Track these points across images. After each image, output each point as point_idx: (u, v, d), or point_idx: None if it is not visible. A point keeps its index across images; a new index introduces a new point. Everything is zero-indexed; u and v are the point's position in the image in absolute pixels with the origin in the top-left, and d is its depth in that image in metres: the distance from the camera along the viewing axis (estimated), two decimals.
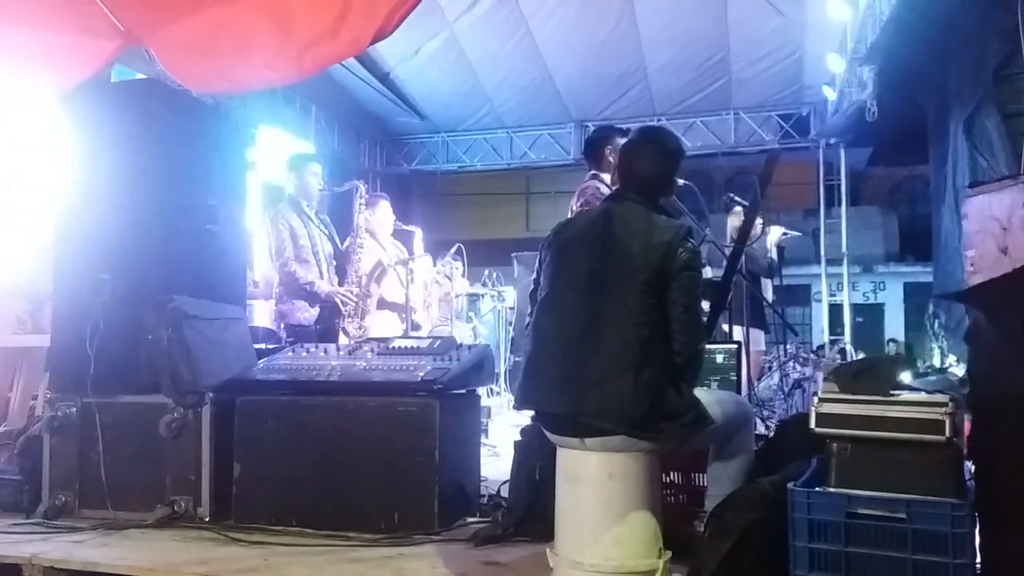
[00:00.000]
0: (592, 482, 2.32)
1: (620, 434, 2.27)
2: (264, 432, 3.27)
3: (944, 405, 2.12)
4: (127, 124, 3.52)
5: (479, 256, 7.66)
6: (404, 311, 5.41)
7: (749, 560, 2.23)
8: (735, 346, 3.14)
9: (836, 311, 12.40)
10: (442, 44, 9.02)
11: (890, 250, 18.33)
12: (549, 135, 11.54)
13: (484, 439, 4.68)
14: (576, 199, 4.24)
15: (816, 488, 2.19)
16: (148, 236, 3.48)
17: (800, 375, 5.18)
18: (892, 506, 2.07)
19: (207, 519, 3.24)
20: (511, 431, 3.79)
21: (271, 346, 4.25)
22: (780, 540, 2.17)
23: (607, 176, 4.17)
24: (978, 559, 2.10)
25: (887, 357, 4.00)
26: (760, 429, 3.70)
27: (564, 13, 8.50)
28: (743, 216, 4.99)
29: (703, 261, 5.66)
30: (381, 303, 5.49)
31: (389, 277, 5.51)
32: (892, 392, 2.23)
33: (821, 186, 11.52)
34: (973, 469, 2.28)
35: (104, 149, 3.54)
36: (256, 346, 3.95)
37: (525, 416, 2.75)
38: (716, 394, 2.64)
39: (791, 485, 2.19)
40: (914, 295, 16.89)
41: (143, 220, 3.48)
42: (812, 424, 2.25)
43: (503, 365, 6.73)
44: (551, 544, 2.40)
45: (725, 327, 4.42)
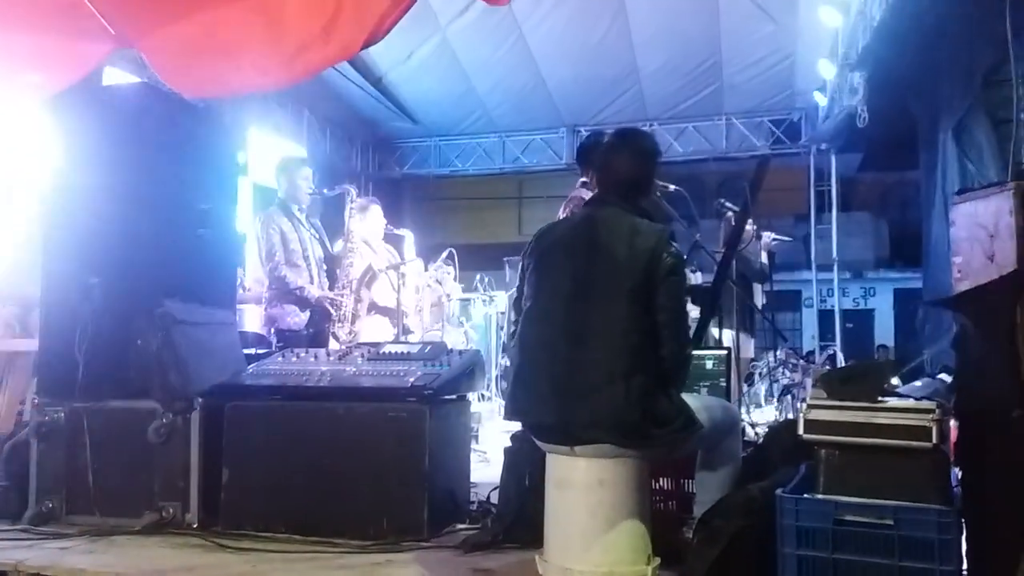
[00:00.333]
0: (582, 488, 2.32)
1: (611, 440, 2.27)
2: (253, 438, 3.26)
3: (931, 411, 2.14)
4: (117, 127, 3.51)
5: (471, 260, 7.66)
6: (395, 316, 5.39)
7: (738, 566, 2.24)
8: (725, 352, 3.15)
9: (826, 317, 12.43)
10: (435, 48, 9.04)
11: (880, 256, 18.38)
12: (542, 139, 11.55)
13: (474, 445, 4.66)
14: (563, 208, 4.24)
15: (804, 494, 2.20)
16: (138, 240, 3.47)
17: (789, 381, 5.19)
18: (879, 513, 2.07)
19: (195, 525, 3.22)
20: (502, 437, 3.77)
21: (261, 351, 4.24)
22: (768, 546, 2.18)
23: None
24: (964, 565, 2.11)
25: (875, 363, 4.01)
26: (749, 434, 3.70)
27: (557, 18, 8.52)
28: (734, 221, 5.00)
29: (694, 267, 5.68)
30: (372, 307, 5.46)
31: (380, 281, 5.49)
32: (880, 398, 2.24)
33: (812, 192, 11.55)
34: (960, 475, 2.29)
35: (94, 152, 3.53)
36: (246, 351, 3.94)
37: (515, 422, 2.75)
38: (704, 400, 2.65)
39: (779, 491, 2.20)
40: (904, 301, 16.95)
41: (133, 224, 3.46)
42: (800, 430, 2.26)
43: (494, 370, 6.71)
44: (540, 551, 2.40)
45: (715, 332, 4.43)
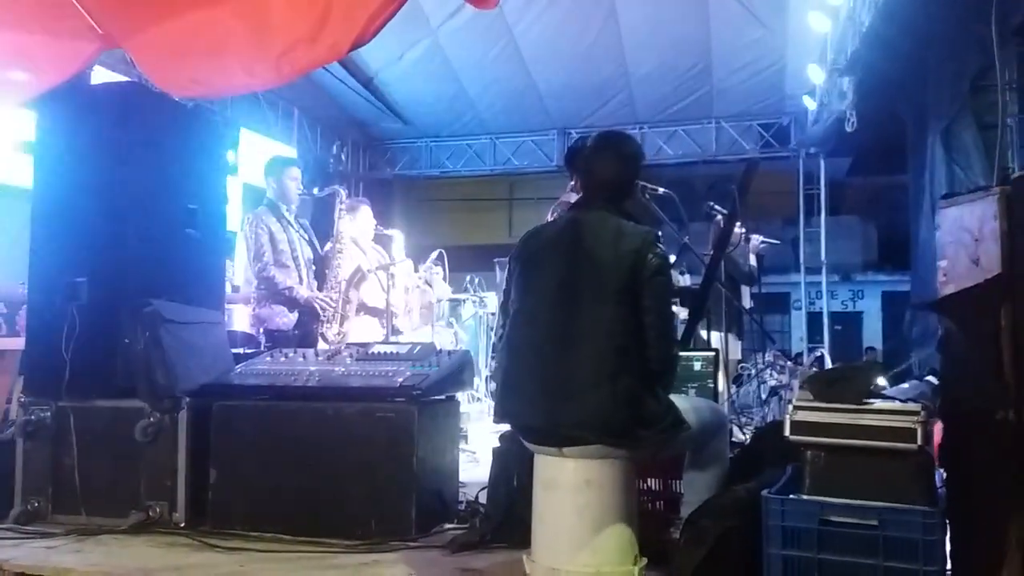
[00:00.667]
0: (569, 488, 2.33)
1: (599, 441, 2.27)
2: (241, 437, 3.25)
3: (916, 414, 2.15)
4: (106, 126, 3.50)
5: (462, 261, 7.65)
6: (384, 316, 5.39)
7: (724, 566, 2.25)
8: (712, 353, 3.16)
9: (815, 319, 12.50)
10: (426, 50, 9.03)
11: (869, 259, 18.46)
12: (532, 142, 11.55)
13: (463, 445, 4.66)
14: (551, 212, 4.25)
15: (790, 495, 2.21)
16: (126, 239, 3.46)
17: (777, 383, 5.22)
18: (864, 513, 2.09)
19: (183, 525, 3.21)
20: (490, 437, 3.78)
21: (249, 351, 4.23)
22: (755, 547, 2.19)
23: None
24: (948, 566, 2.13)
25: (861, 366, 4.04)
26: (737, 436, 3.72)
27: (548, 21, 8.53)
28: (722, 224, 5.03)
29: (683, 269, 5.70)
30: (361, 308, 5.46)
31: (369, 282, 5.49)
32: (865, 400, 2.26)
33: (801, 195, 11.59)
34: (944, 476, 2.31)
35: (82, 151, 3.51)
36: (234, 351, 3.93)
37: (504, 424, 2.76)
38: (691, 401, 2.66)
39: (765, 492, 2.21)
40: (892, 304, 17.03)
41: (121, 223, 3.46)
42: (787, 432, 2.28)
43: (484, 371, 6.71)
44: (528, 551, 2.40)
45: (704, 334, 4.45)
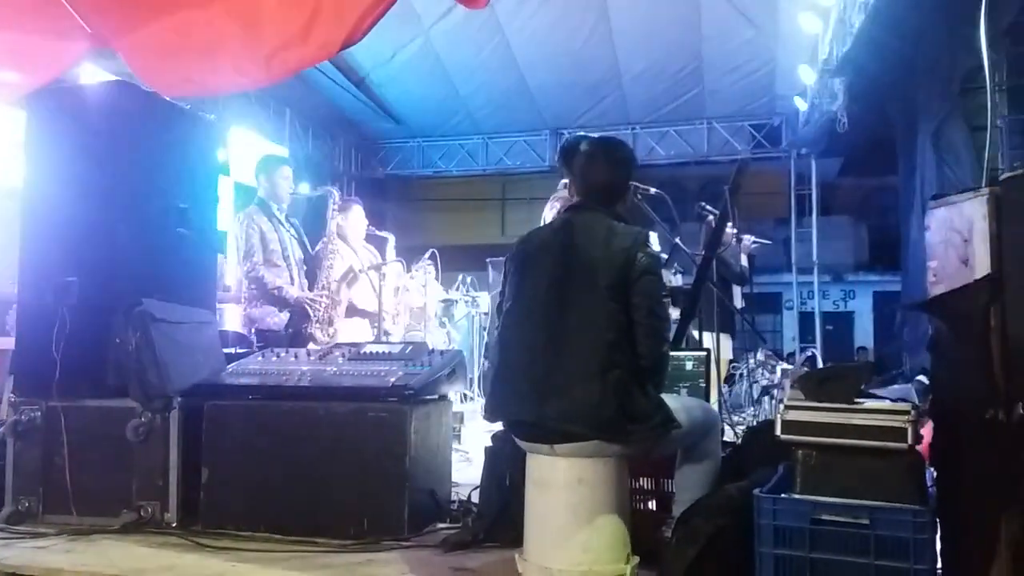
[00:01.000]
0: (561, 487, 2.33)
1: (589, 438, 2.28)
2: (233, 437, 3.25)
3: (907, 413, 2.16)
4: (96, 125, 3.48)
5: (454, 261, 7.64)
6: (375, 317, 5.38)
7: (716, 565, 2.26)
8: (704, 353, 3.17)
9: (806, 319, 12.55)
10: (418, 50, 9.03)
11: (860, 259, 18.53)
12: (525, 142, 11.57)
13: (456, 445, 4.66)
14: (549, 206, 4.25)
15: (782, 494, 2.22)
16: (116, 238, 3.45)
17: (768, 382, 5.24)
18: (855, 512, 2.09)
19: (174, 524, 3.20)
20: (483, 437, 3.78)
21: (241, 350, 4.21)
22: (746, 546, 2.19)
23: None
24: (939, 564, 2.14)
25: (852, 365, 4.06)
26: (728, 435, 3.72)
27: (540, 21, 8.54)
28: (714, 225, 5.03)
29: (676, 269, 5.71)
30: (351, 310, 5.46)
31: (360, 283, 5.48)
32: (856, 400, 2.27)
33: (792, 195, 11.65)
34: (935, 476, 2.32)
35: (72, 150, 3.50)
36: (226, 350, 3.92)
37: (496, 423, 2.76)
38: (683, 400, 2.67)
39: (757, 491, 2.22)
40: (884, 304, 17.10)
41: (111, 222, 3.44)
42: (778, 431, 2.28)
43: (476, 370, 6.70)
44: (521, 550, 2.41)
45: (695, 333, 4.46)
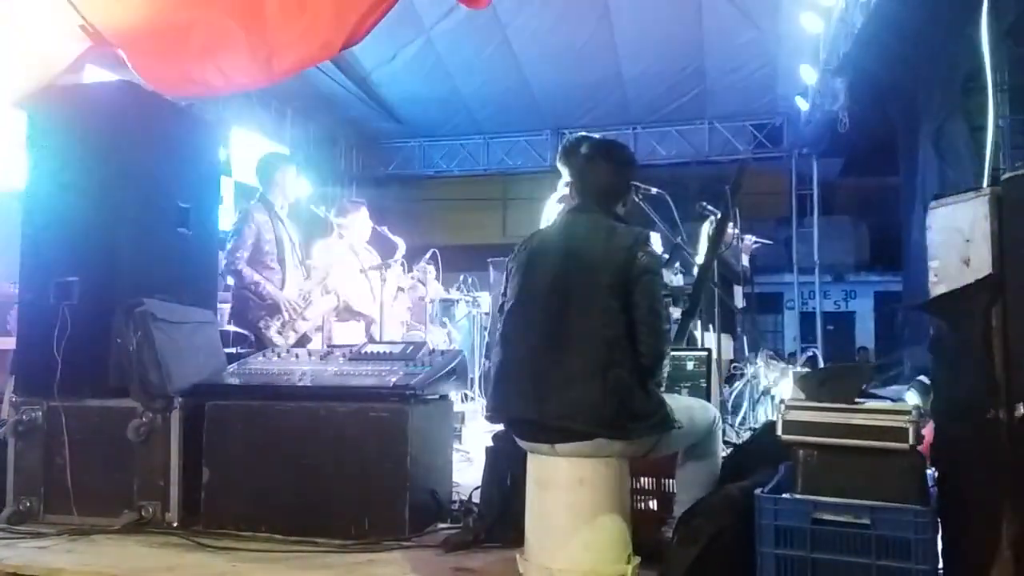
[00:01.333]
0: (562, 488, 2.33)
1: (589, 435, 2.29)
2: (234, 437, 3.25)
3: (908, 413, 2.16)
4: (97, 125, 3.49)
5: (456, 261, 7.64)
6: (371, 320, 5.43)
7: (717, 565, 2.25)
8: (705, 353, 3.17)
9: (808, 319, 12.55)
10: (419, 50, 9.03)
11: (861, 259, 18.48)
12: (526, 142, 11.57)
13: (457, 445, 4.66)
14: (550, 206, 4.24)
15: (783, 494, 2.22)
16: (117, 238, 3.45)
17: (770, 382, 5.24)
18: (856, 512, 2.09)
19: (175, 524, 3.21)
20: (484, 437, 3.77)
21: (243, 350, 4.22)
22: (747, 546, 2.19)
23: None
24: (940, 564, 2.14)
25: (853, 366, 4.07)
26: (729, 435, 3.73)
27: (541, 21, 8.54)
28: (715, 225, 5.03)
29: (677, 269, 5.70)
30: (348, 312, 5.49)
31: (359, 285, 5.51)
32: (857, 400, 2.27)
33: (793, 195, 11.65)
34: (936, 476, 2.32)
35: (74, 150, 3.50)
36: (227, 350, 3.92)
37: (497, 423, 2.76)
38: (683, 400, 2.68)
39: (758, 491, 2.22)
40: (885, 304, 17.07)
41: (112, 222, 3.45)
42: (779, 431, 2.28)
43: (477, 370, 6.70)
44: (522, 550, 2.41)
45: (697, 333, 4.45)
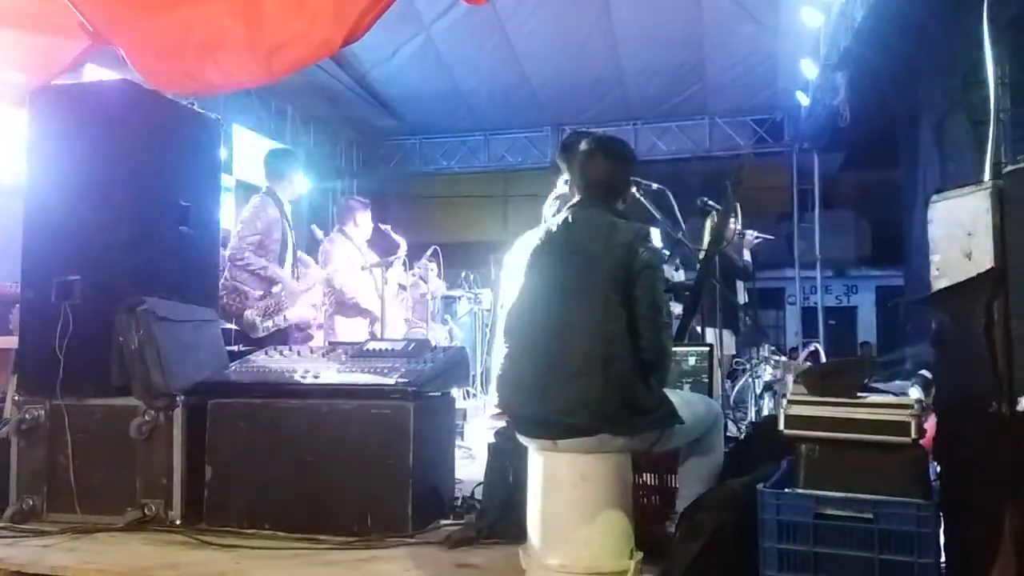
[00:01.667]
0: (564, 484, 2.34)
1: (592, 430, 2.30)
2: (236, 435, 3.25)
3: (910, 407, 2.16)
4: (98, 124, 3.49)
5: (457, 258, 7.65)
6: (375, 317, 5.44)
7: (719, 560, 2.26)
8: (707, 349, 3.16)
9: (809, 314, 12.54)
10: (419, 46, 9.00)
11: (863, 254, 18.48)
12: (526, 138, 11.54)
13: (459, 441, 4.67)
14: (548, 207, 4.25)
15: (785, 489, 2.22)
16: (119, 237, 3.45)
17: (771, 378, 5.23)
18: (859, 507, 2.10)
19: (178, 522, 3.21)
20: (486, 433, 3.79)
21: (244, 348, 4.22)
22: (750, 540, 2.20)
23: None
24: (943, 558, 2.14)
25: (854, 360, 4.06)
26: (731, 430, 3.73)
27: (540, 17, 8.51)
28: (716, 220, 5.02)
29: (677, 265, 5.70)
30: (355, 309, 5.51)
31: (363, 282, 5.53)
32: (859, 394, 2.27)
33: (795, 190, 11.61)
34: (938, 469, 2.32)
35: (75, 149, 3.50)
36: (229, 348, 3.93)
37: (503, 416, 2.77)
38: (685, 396, 2.68)
39: (761, 486, 2.22)
40: (886, 299, 17.07)
41: (114, 221, 3.45)
42: (781, 426, 2.28)
43: (479, 367, 6.71)
44: (524, 546, 2.41)
45: (698, 329, 4.45)
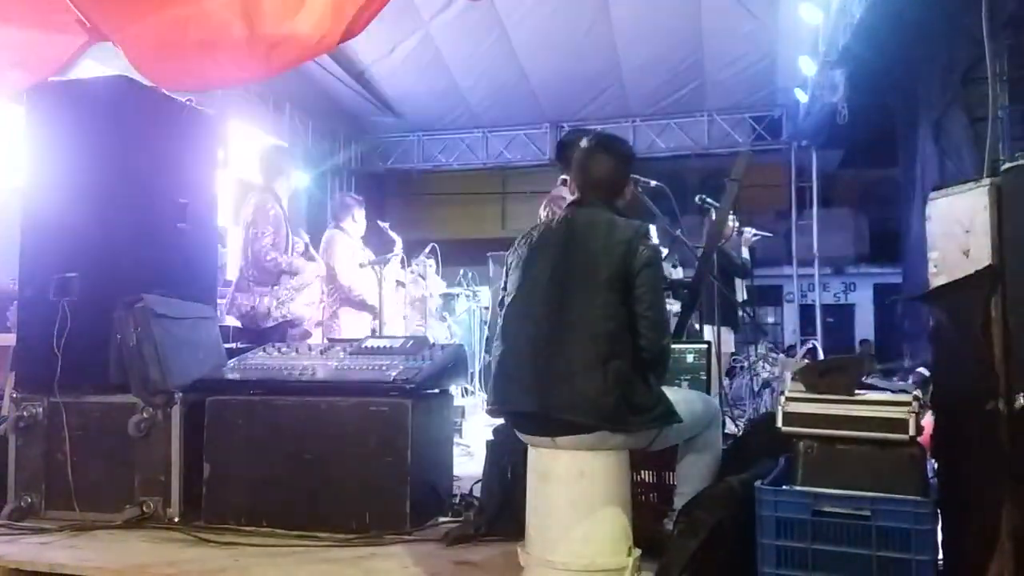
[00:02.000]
0: (563, 481, 2.33)
1: (591, 427, 2.29)
2: (234, 432, 3.25)
3: (908, 404, 2.17)
4: (95, 120, 3.48)
5: (455, 255, 7.64)
6: (374, 312, 5.45)
7: (717, 557, 2.26)
8: (705, 346, 3.16)
9: (807, 311, 12.55)
10: (417, 43, 9.00)
11: (860, 252, 18.49)
12: (525, 135, 11.54)
13: (458, 439, 4.67)
14: (544, 207, 4.26)
15: (783, 486, 2.22)
16: (117, 234, 3.45)
17: (769, 375, 5.24)
18: (857, 504, 2.10)
19: (176, 520, 3.21)
20: (485, 431, 3.79)
21: (242, 345, 4.22)
22: (748, 537, 2.20)
23: None
24: (940, 555, 2.14)
25: (852, 357, 4.06)
26: (730, 428, 3.73)
27: (539, 14, 8.51)
28: (715, 217, 5.03)
29: (675, 262, 5.71)
30: (362, 305, 5.53)
31: (366, 277, 5.53)
32: (857, 392, 2.27)
33: (793, 188, 11.62)
34: (936, 467, 2.33)
35: (72, 145, 3.49)
36: (227, 345, 3.92)
37: (498, 417, 2.77)
38: (684, 393, 2.68)
39: (759, 483, 2.22)
40: (884, 296, 17.09)
41: (112, 218, 3.44)
42: (779, 423, 2.29)
43: (477, 364, 6.71)
44: (522, 543, 2.41)
45: (696, 326, 4.46)
